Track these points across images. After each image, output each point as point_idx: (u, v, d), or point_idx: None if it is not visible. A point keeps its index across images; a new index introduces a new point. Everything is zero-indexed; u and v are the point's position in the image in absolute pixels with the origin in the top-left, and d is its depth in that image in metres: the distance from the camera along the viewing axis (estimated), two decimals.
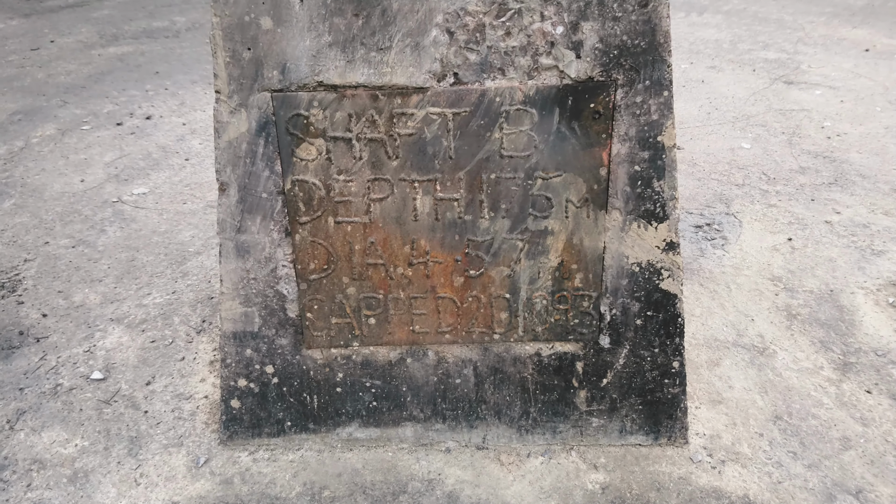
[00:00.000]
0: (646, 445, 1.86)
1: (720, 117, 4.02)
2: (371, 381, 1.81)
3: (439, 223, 1.66)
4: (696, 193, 3.16)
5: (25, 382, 2.15)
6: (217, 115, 1.54)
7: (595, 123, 1.53)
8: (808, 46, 5.21)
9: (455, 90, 1.52)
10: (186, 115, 4.29)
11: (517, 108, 1.53)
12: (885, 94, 4.26)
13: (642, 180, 1.59)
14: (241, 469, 1.83)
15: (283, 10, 1.45)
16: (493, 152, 1.58)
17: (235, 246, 1.68)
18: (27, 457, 1.89)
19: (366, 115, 1.54)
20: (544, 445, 1.87)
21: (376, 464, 1.83)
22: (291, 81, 1.50)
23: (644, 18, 1.43)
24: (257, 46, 1.48)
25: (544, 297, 1.72)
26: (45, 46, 5.84)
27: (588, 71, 1.48)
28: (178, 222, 3.05)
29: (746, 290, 2.50)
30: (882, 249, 2.71)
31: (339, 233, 1.67)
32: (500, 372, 1.80)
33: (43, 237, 2.95)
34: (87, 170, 3.57)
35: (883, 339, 2.24)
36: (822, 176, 3.30)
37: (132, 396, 2.08)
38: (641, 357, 1.77)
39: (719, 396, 2.03)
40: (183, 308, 2.47)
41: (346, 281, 1.72)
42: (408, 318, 1.76)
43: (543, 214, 1.64)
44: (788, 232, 2.84)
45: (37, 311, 2.48)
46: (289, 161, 1.58)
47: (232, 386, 1.83)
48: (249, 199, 1.62)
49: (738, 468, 1.80)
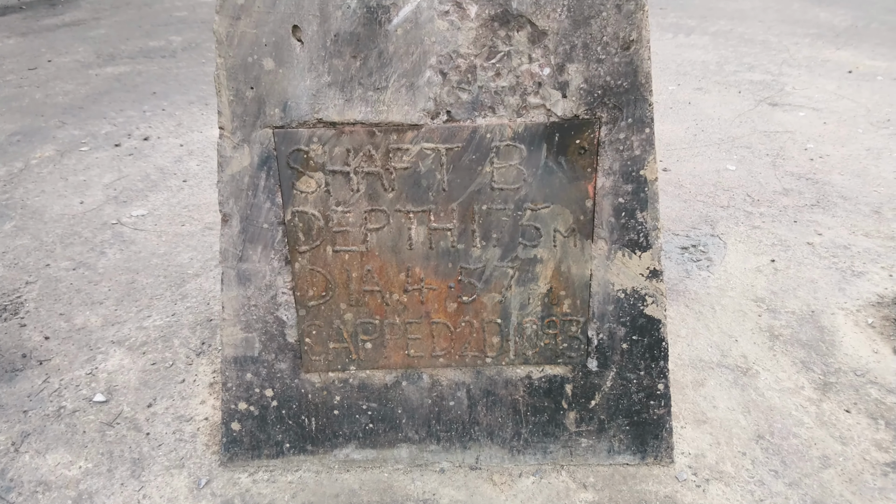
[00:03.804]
0: (633, 465, 1.93)
1: (706, 139, 4.12)
2: (367, 403, 1.88)
3: (433, 252, 1.73)
4: (683, 215, 3.25)
5: (29, 405, 2.20)
6: (220, 149, 1.61)
7: (581, 158, 1.61)
8: (792, 68, 5.33)
9: (448, 127, 1.59)
10: (184, 136, 4.36)
11: (507, 144, 1.60)
12: (866, 116, 4.38)
13: (626, 212, 1.66)
14: (242, 490, 1.88)
15: (285, 52, 1.52)
16: (485, 185, 1.65)
17: (237, 274, 1.74)
18: (32, 479, 1.94)
19: (363, 150, 1.61)
20: (535, 465, 1.93)
21: (373, 484, 1.89)
22: (292, 118, 1.58)
23: (626, 61, 1.52)
24: (260, 86, 1.55)
25: (534, 322, 1.80)
26: (42, 66, 5.91)
27: (574, 109, 1.56)
28: (177, 244, 3.11)
29: (731, 311, 2.58)
30: (862, 271, 2.80)
31: (337, 261, 1.74)
32: (493, 394, 1.86)
33: (44, 259, 3.01)
34: (87, 191, 3.63)
35: (862, 359, 2.32)
36: (804, 198, 3.39)
37: (134, 418, 2.14)
38: (628, 379, 1.84)
39: (704, 416, 2.10)
40: (182, 330, 2.53)
41: (343, 307, 1.79)
42: (403, 342, 1.83)
43: (533, 243, 1.71)
44: (771, 253, 2.93)
45: (39, 334, 2.53)
46: (289, 193, 1.65)
47: (232, 409, 1.89)
48: (251, 230, 1.69)
49: (721, 486, 1.87)
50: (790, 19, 6.86)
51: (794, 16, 7.00)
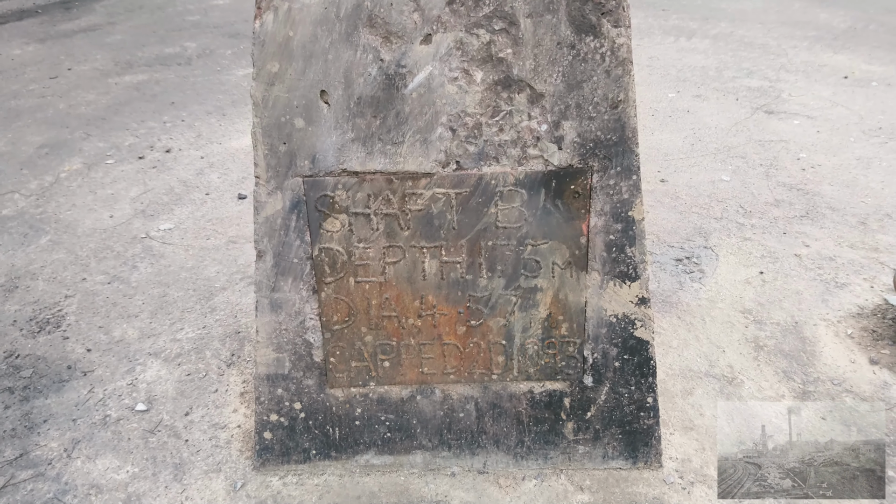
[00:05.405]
0: (625, 469, 2.14)
1: (703, 148, 4.30)
2: (385, 415, 2.09)
3: (444, 282, 1.94)
4: (678, 227, 3.44)
5: (77, 414, 2.43)
6: (256, 195, 1.82)
7: (575, 201, 1.81)
8: (789, 73, 5.48)
9: (457, 174, 1.80)
10: (203, 148, 4.57)
11: (509, 189, 1.81)
12: (859, 124, 4.54)
13: (616, 247, 1.87)
14: (273, 492, 2.11)
15: (314, 112, 1.73)
16: (490, 224, 1.86)
17: (270, 302, 1.96)
18: (85, 482, 2.17)
19: (382, 195, 1.82)
20: (537, 470, 2.15)
21: (391, 487, 2.11)
22: (320, 169, 1.78)
23: (615, 118, 1.71)
24: (291, 141, 1.76)
25: (535, 343, 2.00)
26: (63, 74, 6.12)
27: (568, 160, 1.76)
28: (203, 258, 3.33)
29: (719, 322, 2.78)
30: (845, 282, 2.99)
31: (359, 290, 1.95)
32: (498, 407, 2.08)
33: (80, 273, 3.23)
34: (115, 205, 3.85)
35: (840, 368, 2.52)
36: (794, 209, 3.58)
37: (173, 426, 2.36)
38: (620, 394, 2.05)
39: (691, 423, 2.31)
40: (213, 342, 2.75)
41: (364, 330, 2.00)
42: (417, 361, 2.04)
43: (533, 274, 1.92)
44: (760, 265, 3.12)
45: (81, 346, 2.76)
46: (317, 232, 1.86)
47: (265, 420, 2.11)
48: (283, 264, 1.90)
49: (704, 489, 2.08)
50: (790, 21, 6.99)
51: (795, 17, 7.13)
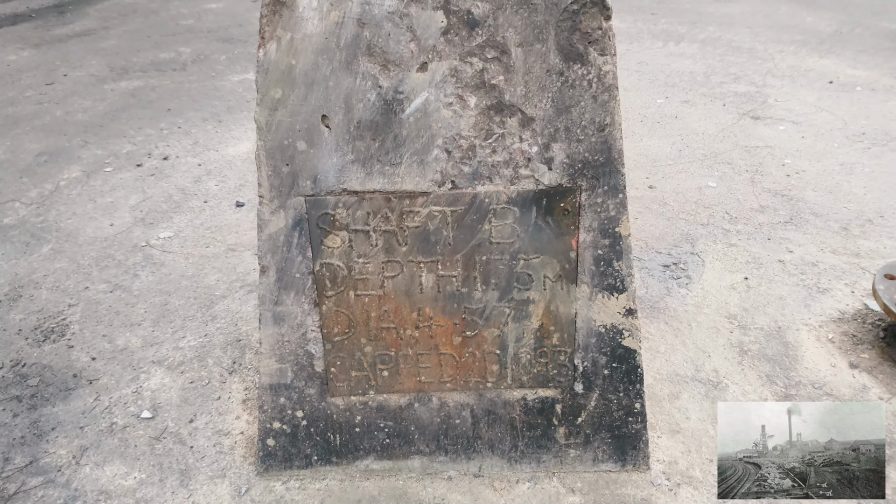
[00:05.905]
0: (615, 471, 2.24)
1: (690, 154, 4.40)
2: (384, 422, 2.18)
3: (441, 294, 2.02)
4: (666, 233, 3.54)
5: (84, 421, 2.51)
6: (260, 214, 1.90)
7: (565, 218, 1.90)
8: (776, 79, 5.59)
9: (453, 193, 1.88)
10: (200, 155, 4.63)
11: (502, 207, 1.89)
12: (843, 129, 4.65)
13: (604, 261, 1.96)
14: (277, 497, 2.19)
15: (315, 135, 1.81)
16: (484, 240, 1.94)
17: (272, 315, 2.04)
18: (94, 488, 2.25)
19: (381, 213, 1.90)
20: (530, 473, 2.24)
21: (390, 491, 2.19)
22: (321, 189, 1.86)
23: (602, 140, 1.80)
24: (294, 163, 1.84)
25: (528, 352, 2.09)
26: (59, 81, 6.16)
27: (558, 179, 1.85)
28: (203, 266, 3.40)
29: (705, 327, 2.87)
30: (827, 287, 3.09)
31: (359, 303, 2.03)
32: (493, 413, 2.17)
33: (82, 282, 3.30)
34: (115, 213, 3.91)
35: (820, 372, 2.62)
36: (779, 214, 3.68)
37: (178, 433, 2.44)
38: (609, 400, 2.14)
39: (678, 426, 2.40)
40: (215, 350, 2.83)
41: (363, 341, 2.09)
42: (415, 370, 2.13)
43: (526, 287, 2.00)
44: (745, 271, 3.22)
45: (86, 355, 2.83)
46: (318, 248, 1.95)
47: (268, 427, 2.19)
48: (285, 279, 1.98)
49: (690, 490, 2.17)
50: (777, 25, 7.10)
51: (782, 20, 7.24)
